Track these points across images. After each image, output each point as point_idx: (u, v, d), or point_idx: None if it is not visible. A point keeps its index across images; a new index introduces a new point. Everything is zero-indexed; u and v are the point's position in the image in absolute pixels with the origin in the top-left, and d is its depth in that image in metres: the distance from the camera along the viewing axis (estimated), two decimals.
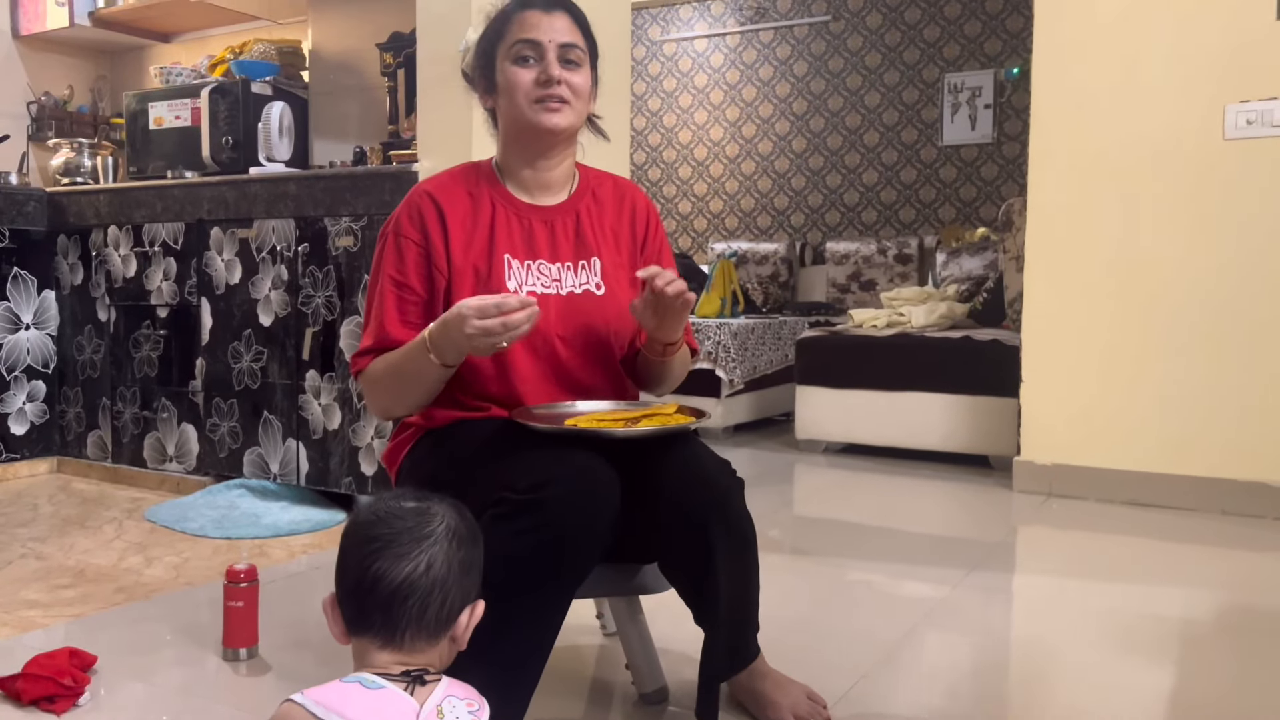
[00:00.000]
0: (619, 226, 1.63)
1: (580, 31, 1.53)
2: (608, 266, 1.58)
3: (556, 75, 1.48)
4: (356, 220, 2.96)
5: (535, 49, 1.49)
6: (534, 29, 1.49)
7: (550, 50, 1.49)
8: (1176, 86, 3.19)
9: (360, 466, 3.00)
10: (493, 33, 1.54)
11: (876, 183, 6.73)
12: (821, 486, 3.82)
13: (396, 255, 1.52)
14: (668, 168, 7.50)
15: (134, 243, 3.51)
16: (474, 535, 1.11)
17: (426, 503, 1.09)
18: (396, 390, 1.47)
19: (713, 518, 1.38)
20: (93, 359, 3.66)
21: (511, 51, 1.50)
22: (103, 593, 2.30)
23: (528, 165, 1.57)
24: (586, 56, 1.54)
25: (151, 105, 3.64)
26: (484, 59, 1.56)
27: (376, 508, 1.09)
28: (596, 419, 1.44)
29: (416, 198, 1.55)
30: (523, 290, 1.51)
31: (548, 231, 1.57)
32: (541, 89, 1.48)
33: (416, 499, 1.10)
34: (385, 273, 1.52)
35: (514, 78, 1.50)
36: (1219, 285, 3.13)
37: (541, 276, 1.54)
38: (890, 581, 2.47)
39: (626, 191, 1.67)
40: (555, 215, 1.58)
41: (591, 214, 1.61)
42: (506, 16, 1.53)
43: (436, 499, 1.11)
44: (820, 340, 4.36)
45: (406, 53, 3.24)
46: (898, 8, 6.60)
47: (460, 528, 1.09)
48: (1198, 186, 3.16)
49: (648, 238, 1.66)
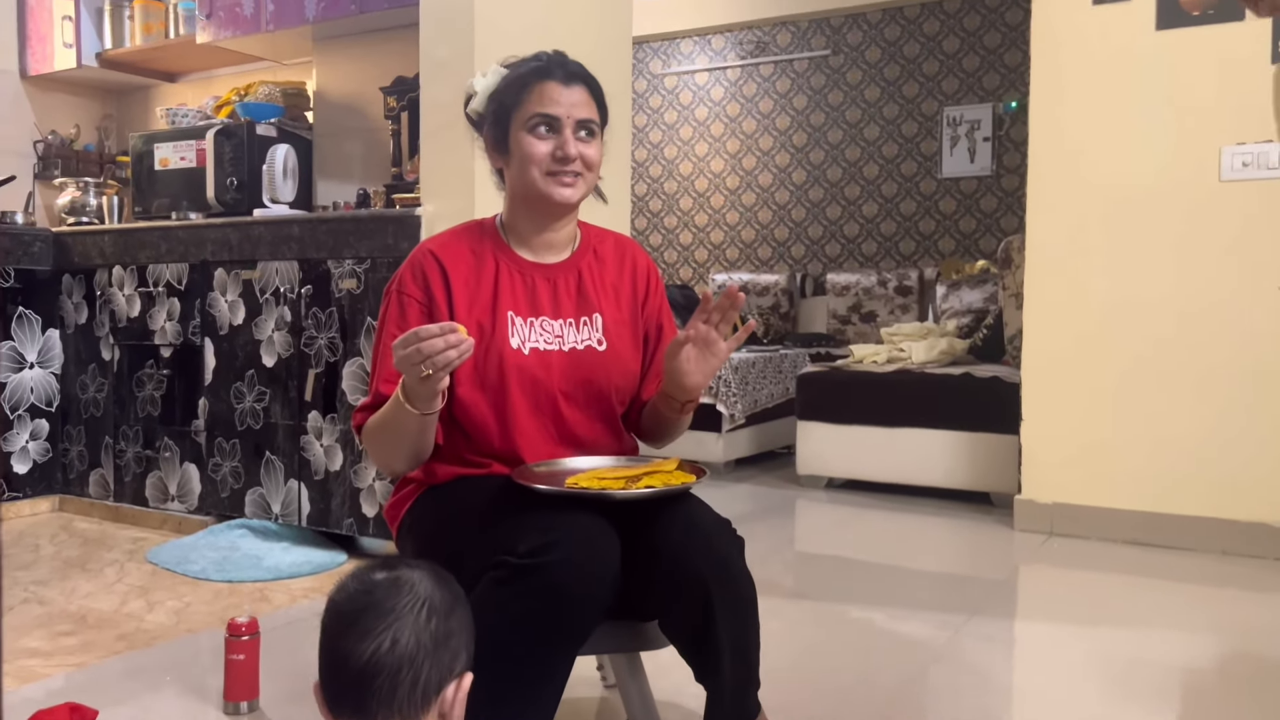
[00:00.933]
0: (620, 283, 1.65)
1: (596, 104, 1.55)
2: (609, 323, 1.60)
3: (574, 153, 1.50)
4: (360, 263, 2.98)
5: (553, 123, 1.50)
6: (553, 103, 1.50)
7: (568, 125, 1.50)
8: (1173, 127, 3.22)
9: (362, 508, 3.01)
10: (509, 97, 1.54)
11: (876, 214, 6.77)
12: (823, 523, 3.82)
13: (399, 313, 1.53)
14: (669, 199, 7.54)
15: (138, 283, 3.53)
16: (451, 604, 1.05)
17: (398, 572, 1.04)
18: (387, 443, 1.48)
19: (713, 578, 1.39)
20: (96, 398, 3.68)
21: (529, 122, 1.51)
22: (104, 640, 2.30)
23: (534, 228, 1.59)
24: (600, 129, 1.56)
25: (157, 146, 3.67)
26: (498, 122, 1.57)
27: (347, 583, 1.04)
28: (597, 476, 1.45)
29: (420, 256, 1.56)
30: (526, 347, 1.53)
31: (550, 288, 1.58)
32: (557, 164, 1.51)
33: (389, 568, 1.04)
34: (387, 330, 1.53)
35: (530, 148, 1.51)
36: (1217, 325, 3.14)
37: (544, 333, 1.55)
38: (891, 623, 2.47)
39: (627, 249, 1.69)
40: (558, 272, 1.60)
41: (593, 271, 1.63)
42: (525, 84, 1.53)
43: (413, 566, 1.06)
44: (821, 376, 4.37)
45: (410, 96, 3.28)
46: (896, 42, 6.66)
47: (435, 596, 1.03)
48: (1194, 227, 3.18)
49: (649, 294, 1.68)
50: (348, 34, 3.58)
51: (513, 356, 1.51)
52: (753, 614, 1.47)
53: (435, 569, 1.08)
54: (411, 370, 1.30)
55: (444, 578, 1.07)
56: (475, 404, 1.51)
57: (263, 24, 3.47)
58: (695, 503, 1.48)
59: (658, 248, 7.56)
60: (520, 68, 1.57)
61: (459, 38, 2.86)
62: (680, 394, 1.52)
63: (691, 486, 1.45)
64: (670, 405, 1.57)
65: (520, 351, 1.52)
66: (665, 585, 1.40)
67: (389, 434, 1.45)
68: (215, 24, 3.59)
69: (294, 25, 3.42)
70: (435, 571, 1.07)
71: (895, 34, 6.66)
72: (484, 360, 1.50)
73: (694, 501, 1.48)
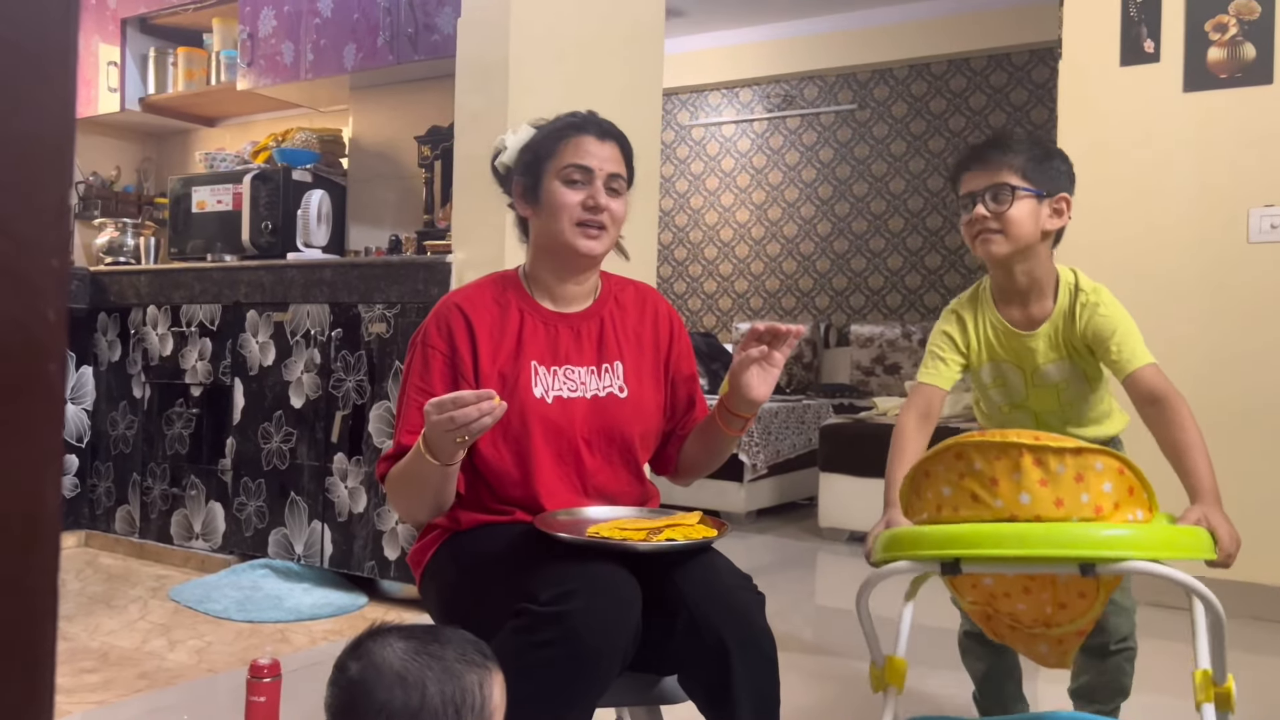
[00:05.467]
0: (641, 330, 1.67)
1: (625, 162, 1.60)
2: (630, 370, 1.62)
3: (604, 204, 1.54)
4: (390, 308, 3.02)
5: (586, 174, 1.55)
6: (588, 155, 1.55)
7: (600, 177, 1.55)
8: (1200, 189, 3.22)
9: (384, 550, 3.02)
10: (543, 150, 1.58)
11: (901, 267, 6.78)
12: (845, 577, 3.79)
13: (423, 365, 1.56)
14: (694, 248, 7.60)
15: (171, 322, 3.59)
16: (464, 702, 1.01)
17: (411, 667, 1.00)
18: (410, 494, 1.49)
19: (733, 635, 1.38)
20: (125, 434, 3.72)
21: (563, 173, 1.55)
22: (125, 678, 2.31)
23: (556, 279, 1.61)
24: (626, 186, 1.60)
25: (195, 189, 3.76)
26: (529, 171, 1.60)
27: (360, 673, 1.02)
28: (618, 527, 1.46)
29: (445, 309, 1.59)
30: (549, 396, 1.55)
31: (573, 336, 1.61)
32: (587, 213, 1.54)
33: (403, 663, 1.01)
34: (411, 383, 1.56)
35: (562, 198, 1.55)
36: (1244, 387, 3.12)
37: (568, 381, 1.57)
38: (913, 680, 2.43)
39: (648, 297, 1.71)
40: (580, 321, 1.62)
41: (615, 319, 1.65)
42: (560, 136, 1.57)
43: (428, 659, 1.02)
44: (844, 428, 4.36)
45: (444, 146, 3.34)
46: (923, 98, 6.71)
47: (393, 702, 1.00)
48: (1222, 289, 3.17)
49: (672, 340, 1.69)
50: (384, 83, 3.67)
51: (535, 405, 1.53)
52: (773, 671, 1.47)
53: (448, 666, 1.02)
54: (445, 436, 1.32)
55: (453, 675, 1.02)
56: (497, 453, 1.53)
57: (302, 72, 3.56)
58: (717, 557, 1.48)
59: (682, 295, 7.60)
60: (556, 123, 1.61)
61: (494, 90, 2.92)
62: (746, 409, 1.55)
63: (714, 541, 1.46)
64: (732, 423, 1.58)
65: (544, 400, 1.53)
66: (685, 640, 1.40)
67: (411, 484, 1.47)
68: (256, 71, 3.69)
69: (332, 74, 3.51)
70: (447, 671, 1.02)
71: (922, 90, 6.72)
72: (508, 408, 1.52)
73: (716, 556, 1.48)
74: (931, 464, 1.42)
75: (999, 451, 1.34)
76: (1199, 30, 3.22)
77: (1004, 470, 1.34)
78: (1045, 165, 1.74)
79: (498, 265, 2.92)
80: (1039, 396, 1.83)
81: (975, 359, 1.83)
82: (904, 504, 1.47)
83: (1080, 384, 1.82)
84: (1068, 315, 1.77)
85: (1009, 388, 1.85)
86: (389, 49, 3.33)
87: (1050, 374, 1.80)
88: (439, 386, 1.53)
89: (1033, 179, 1.72)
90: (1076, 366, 1.80)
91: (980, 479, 1.35)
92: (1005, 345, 1.81)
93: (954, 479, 1.38)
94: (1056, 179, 1.75)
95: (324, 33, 3.49)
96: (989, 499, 1.34)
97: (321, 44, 3.50)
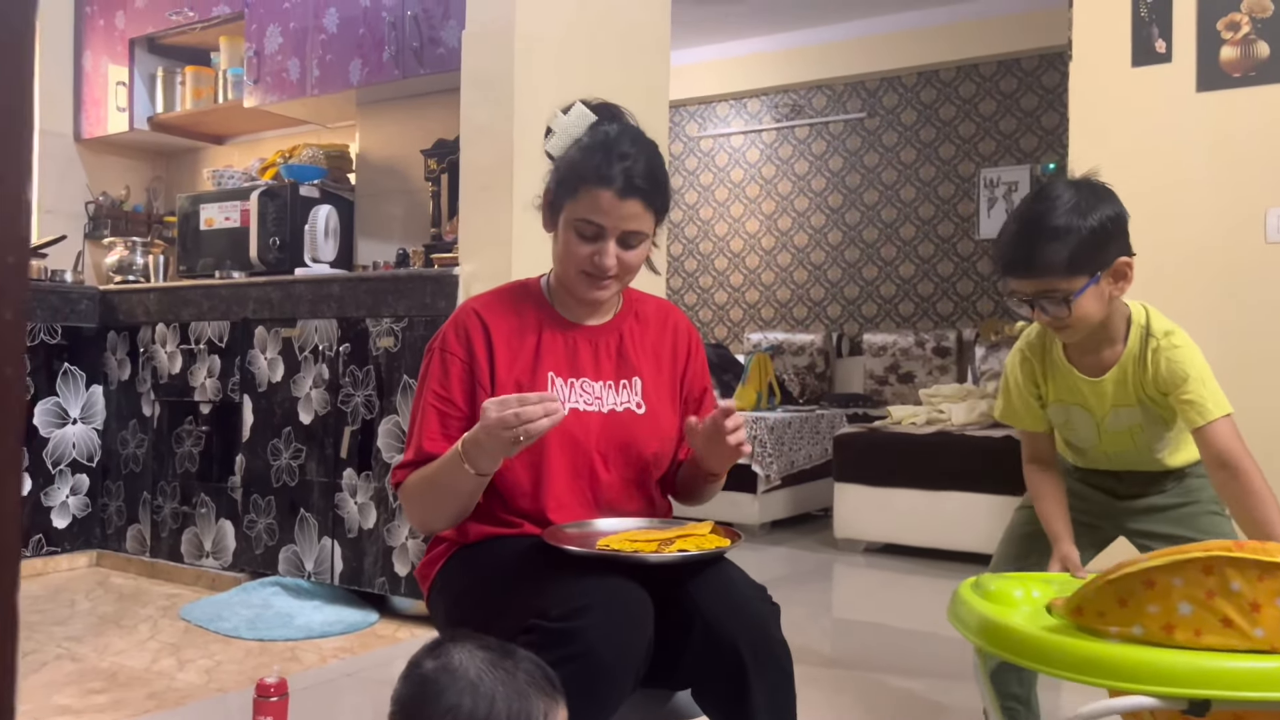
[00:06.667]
0: (660, 346, 1.64)
1: (652, 211, 1.49)
2: (648, 386, 1.59)
3: (610, 265, 1.47)
4: (398, 321, 3.01)
5: (598, 230, 1.46)
6: (603, 214, 1.45)
7: (612, 235, 1.46)
8: (1216, 190, 3.18)
9: (394, 567, 2.99)
10: (566, 184, 1.49)
11: (913, 275, 6.75)
12: (861, 588, 3.74)
13: (441, 371, 1.52)
14: (704, 259, 7.57)
15: (180, 340, 3.58)
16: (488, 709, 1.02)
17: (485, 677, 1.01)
18: (433, 502, 1.47)
19: (748, 647, 1.35)
20: (136, 453, 3.71)
21: (575, 223, 1.47)
22: (134, 699, 2.29)
23: (576, 304, 1.58)
24: (650, 233, 1.51)
25: (203, 206, 3.76)
26: (552, 196, 1.54)
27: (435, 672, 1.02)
28: (629, 539, 1.43)
29: (464, 315, 1.56)
30: (565, 408, 1.52)
31: (591, 349, 1.57)
32: (594, 268, 1.48)
33: (479, 672, 1.02)
34: (429, 388, 1.52)
35: (570, 247, 1.48)
36: (1261, 388, 3.07)
37: (585, 394, 1.54)
38: (931, 693, 2.39)
39: (669, 313, 1.68)
40: (599, 334, 1.59)
41: (634, 333, 1.62)
42: (581, 178, 1.46)
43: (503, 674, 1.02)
44: (859, 437, 4.32)
45: (450, 159, 3.33)
46: (932, 105, 6.69)
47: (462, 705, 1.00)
48: (1239, 289, 3.12)
49: (690, 358, 1.66)
50: (390, 98, 3.66)
51: None
52: (789, 683, 1.43)
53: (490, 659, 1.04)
54: (504, 434, 1.30)
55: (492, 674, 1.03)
56: (511, 465, 1.50)
57: (308, 89, 3.56)
58: (730, 568, 1.45)
59: (693, 307, 7.58)
60: (586, 152, 1.48)
61: (499, 102, 2.91)
62: (711, 467, 1.54)
63: (727, 551, 1.43)
64: (698, 473, 1.58)
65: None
66: (699, 653, 1.37)
67: (438, 493, 1.44)
68: (262, 89, 3.69)
69: (338, 90, 3.50)
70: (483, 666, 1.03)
71: (931, 96, 6.69)
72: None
73: (729, 566, 1.45)
74: (1161, 575, 1.18)
75: (1264, 571, 1.14)
76: (1211, 29, 3.19)
77: (1268, 594, 1.14)
78: (1092, 242, 1.57)
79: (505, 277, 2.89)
80: (1110, 440, 1.75)
81: (1045, 400, 1.77)
82: (1099, 611, 1.23)
83: (1155, 425, 1.73)
84: (1138, 360, 1.67)
85: (1077, 430, 1.77)
86: (394, 64, 3.32)
87: (1120, 420, 1.71)
88: (458, 393, 1.51)
89: (1084, 269, 1.57)
90: (1150, 411, 1.70)
91: (1238, 602, 1.16)
92: (1073, 391, 1.73)
93: (1200, 597, 1.17)
94: (1107, 248, 1.59)
95: (330, 49, 3.49)
96: (1246, 626, 1.15)
97: (327, 60, 3.50)
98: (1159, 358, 1.66)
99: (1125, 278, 1.63)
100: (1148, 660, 1.17)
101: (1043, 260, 1.57)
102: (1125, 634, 1.21)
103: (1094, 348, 1.70)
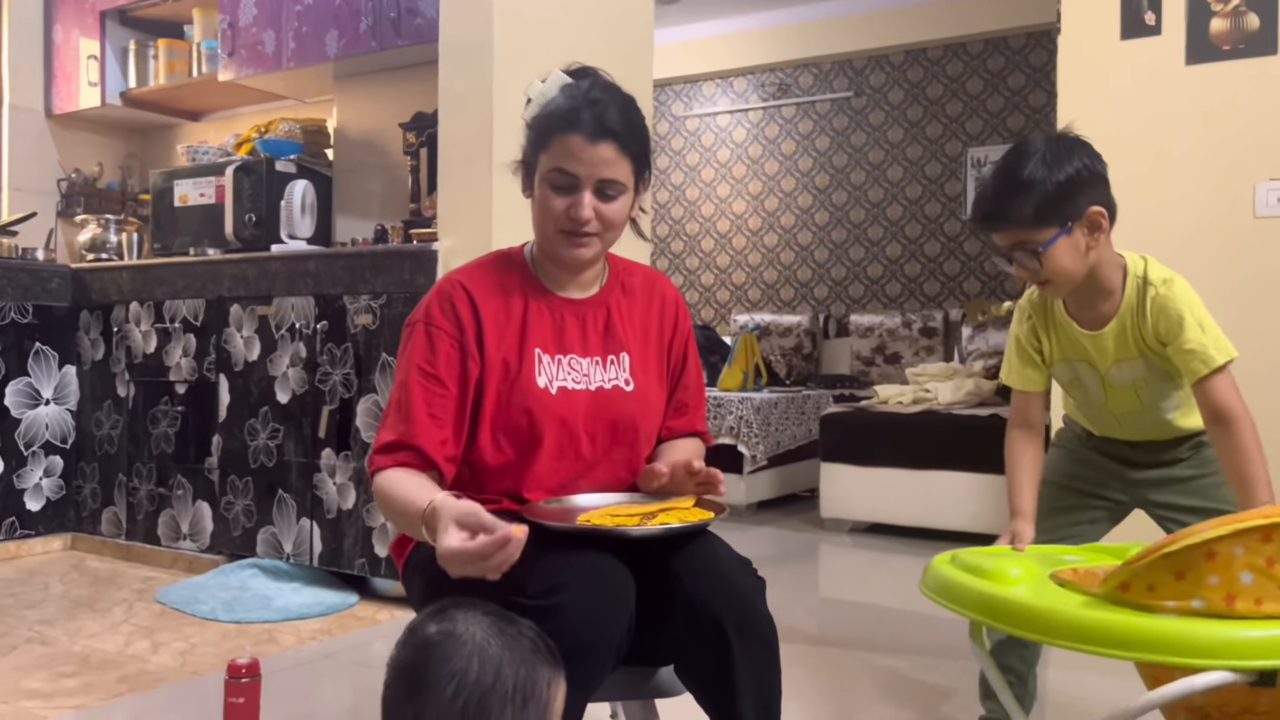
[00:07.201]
0: (648, 319, 1.58)
1: (629, 158, 1.41)
2: (636, 361, 1.53)
3: (586, 217, 1.39)
4: (376, 298, 2.95)
5: (571, 180, 1.39)
6: (574, 160, 1.38)
7: (587, 185, 1.39)
8: (1205, 164, 3.14)
9: (374, 548, 2.94)
10: (539, 139, 1.43)
11: (900, 255, 6.71)
12: (847, 568, 3.72)
13: (428, 347, 1.43)
14: (690, 240, 7.52)
15: (155, 319, 3.51)
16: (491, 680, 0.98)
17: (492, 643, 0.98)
18: (396, 522, 1.40)
19: (733, 620, 1.31)
20: (110, 435, 3.65)
21: (548, 174, 1.40)
22: (106, 682, 2.23)
23: (557, 269, 1.51)
24: (630, 184, 1.43)
25: (177, 183, 3.68)
26: (527, 156, 1.47)
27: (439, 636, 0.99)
28: (610, 514, 1.38)
29: (449, 287, 1.48)
30: (553, 386, 1.45)
31: (579, 325, 1.51)
32: (571, 223, 1.40)
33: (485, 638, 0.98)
34: (414, 363, 1.43)
35: (546, 202, 1.41)
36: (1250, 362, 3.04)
37: (572, 371, 1.48)
38: (917, 671, 2.37)
39: (656, 283, 1.62)
40: (587, 309, 1.52)
41: (621, 307, 1.55)
42: (550, 131, 1.40)
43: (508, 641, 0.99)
44: (845, 417, 4.28)
45: (429, 132, 3.26)
46: (919, 84, 6.64)
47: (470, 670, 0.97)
48: (1229, 264, 3.09)
49: (675, 333, 1.60)
50: (368, 71, 3.59)
51: (539, 396, 1.44)
52: (774, 659, 1.39)
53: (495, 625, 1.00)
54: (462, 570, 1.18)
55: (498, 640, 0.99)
56: (496, 443, 1.44)
57: (284, 62, 3.48)
58: (715, 541, 1.41)
59: (680, 288, 7.53)
60: (556, 104, 1.42)
61: (478, 73, 2.85)
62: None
63: (710, 524, 1.38)
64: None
65: (547, 391, 1.44)
66: (683, 627, 1.33)
67: (400, 522, 1.37)
68: (237, 62, 3.61)
69: (315, 63, 3.43)
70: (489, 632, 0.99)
71: (918, 75, 6.64)
72: (509, 399, 1.44)
73: (713, 540, 1.41)
74: (1223, 545, 1.16)
75: None
76: (1200, 1, 3.15)
77: None
78: (1060, 193, 1.56)
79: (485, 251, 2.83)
80: (1116, 397, 1.73)
81: (1050, 357, 1.75)
82: (1149, 585, 1.20)
83: (1161, 381, 1.70)
84: (1136, 310, 1.65)
85: (1086, 389, 1.75)
86: (372, 34, 3.25)
87: (1124, 374, 1.69)
88: (444, 370, 1.42)
89: (1053, 219, 1.56)
90: (1153, 364, 1.68)
91: None
92: (1075, 345, 1.71)
93: (1261, 565, 1.16)
94: (1077, 198, 1.58)
95: (305, 20, 3.41)
96: None
97: (303, 31, 3.42)
98: (1157, 305, 1.64)
99: (1100, 228, 1.61)
100: (1224, 638, 1.15)
101: (1010, 212, 1.58)
102: (1183, 608, 1.18)
103: (1090, 301, 1.68)
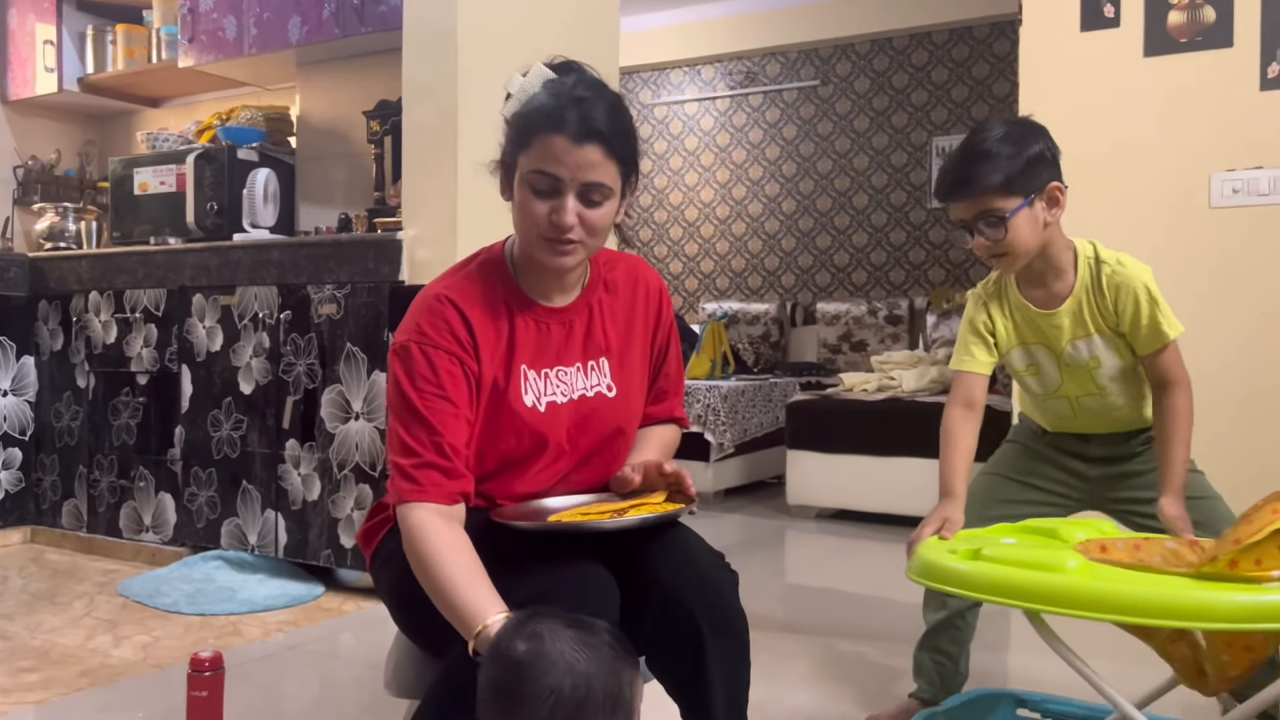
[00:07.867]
0: (632, 313, 1.54)
1: (614, 160, 1.33)
2: (620, 363, 1.50)
3: (570, 223, 1.32)
4: (340, 288, 2.93)
5: (554, 184, 1.32)
6: (557, 163, 1.30)
7: (571, 189, 1.32)
8: (1162, 154, 3.19)
9: (340, 539, 2.93)
10: (520, 138, 1.35)
11: (866, 244, 6.75)
12: (813, 554, 3.75)
13: (429, 368, 1.34)
14: (659, 229, 7.52)
15: (115, 309, 3.46)
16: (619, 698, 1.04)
17: (580, 658, 1.02)
18: (429, 589, 1.26)
19: (706, 615, 1.32)
20: (70, 426, 3.60)
21: (529, 176, 1.33)
22: (66, 676, 2.21)
23: (539, 275, 1.45)
24: (616, 188, 1.36)
25: (137, 170, 3.62)
26: (506, 156, 1.40)
27: (530, 655, 1.02)
28: (581, 513, 1.37)
29: (437, 304, 1.38)
30: (541, 403, 1.42)
31: (564, 333, 1.47)
32: (553, 229, 1.33)
33: (574, 654, 1.03)
34: (421, 389, 1.33)
35: (527, 206, 1.34)
36: (1205, 352, 3.10)
37: (560, 384, 1.45)
38: (883, 656, 2.40)
39: (640, 274, 1.57)
40: (570, 315, 1.47)
41: (604, 305, 1.51)
42: (532, 130, 1.32)
43: (592, 652, 1.03)
44: (811, 404, 4.31)
45: (393, 120, 3.24)
46: (885, 73, 6.67)
47: (564, 686, 1.01)
48: (1185, 255, 3.14)
49: (659, 323, 1.57)
50: (331, 58, 3.55)
51: (527, 415, 1.41)
52: (744, 652, 1.40)
53: (580, 638, 1.04)
54: None
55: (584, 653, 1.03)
56: (481, 458, 1.41)
57: (245, 48, 3.44)
58: (690, 535, 1.41)
59: None
60: (539, 101, 1.34)
61: (442, 61, 2.83)
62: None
63: (682, 514, 1.39)
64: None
65: (535, 409, 1.41)
66: (656, 619, 1.33)
67: (438, 599, 1.24)
68: (198, 48, 3.56)
69: (277, 49, 3.38)
70: (575, 646, 1.04)
71: (884, 64, 6.67)
72: (496, 418, 1.40)
73: (687, 534, 1.41)
74: None
75: None
76: None
77: None
78: (1025, 166, 1.65)
79: (450, 241, 2.83)
80: (1072, 379, 1.79)
81: (1004, 343, 1.81)
82: (1256, 559, 1.25)
83: (1113, 360, 1.78)
84: (1092, 289, 1.75)
85: (1042, 373, 1.82)
86: (334, 21, 3.21)
87: (1079, 353, 1.77)
88: (452, 390, 1.34)
89: (1017, 189, 1.65)
90: (1108, 343, 1.76)
91: None
92: (1031, 327, 1.78)
93: None
94: (1040, 172, 1.67)
95: (267, 6, 3.36)
96: None
97: (265, 18, 3.37)
98: (1115, 282, 1.74)
99: (1058, 203, 1.71)
100: None
101: (979, 179, 1.65)
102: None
103: (1041, 280, 1.77)
